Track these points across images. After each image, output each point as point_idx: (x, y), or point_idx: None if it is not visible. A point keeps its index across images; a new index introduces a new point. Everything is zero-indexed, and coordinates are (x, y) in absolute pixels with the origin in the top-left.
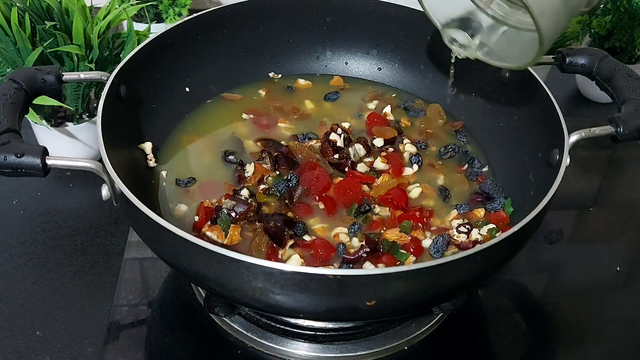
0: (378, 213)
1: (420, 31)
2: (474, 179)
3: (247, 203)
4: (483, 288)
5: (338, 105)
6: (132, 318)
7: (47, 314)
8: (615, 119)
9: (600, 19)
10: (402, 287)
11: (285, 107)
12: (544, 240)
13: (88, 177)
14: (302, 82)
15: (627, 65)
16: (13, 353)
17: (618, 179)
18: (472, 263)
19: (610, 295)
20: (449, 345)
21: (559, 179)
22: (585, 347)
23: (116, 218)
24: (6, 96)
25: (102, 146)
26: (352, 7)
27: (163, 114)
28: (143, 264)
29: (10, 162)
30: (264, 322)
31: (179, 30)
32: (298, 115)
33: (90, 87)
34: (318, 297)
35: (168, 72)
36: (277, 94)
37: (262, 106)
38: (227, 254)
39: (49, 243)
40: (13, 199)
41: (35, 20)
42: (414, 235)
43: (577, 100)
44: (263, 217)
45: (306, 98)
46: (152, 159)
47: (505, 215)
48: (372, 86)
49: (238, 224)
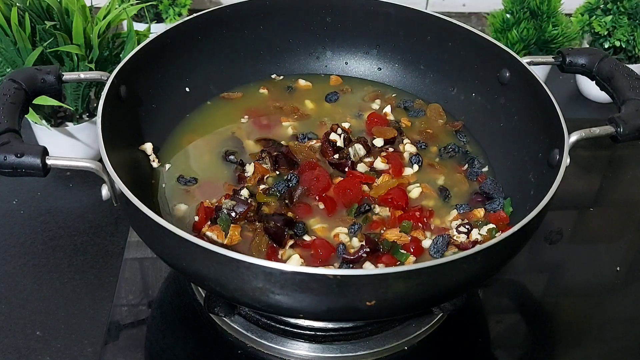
0: (378, 213)
1: (420, 31)
2: (474, 179)
3: (247, 203)
4: (483, 288)
5: (338, 105)
6: (132, 318)
7: (47, 314)
8: (615, 119)
9: (600, 19)
10: (402, 287)
11: (285, 107)
12: (544, 240)
13: (88, 177)
14: (302, 83)
15: (627, 65)
16: (13, 353)
17: (618, 179)
18: (472, 263)
19: (610, 295)
20: (449, 345)
21: (559, 179)
22: (585, 347)
23: (116, 218)
24: (6, 96)
25: (102, 146)
26: (352, 7)
27: (163, 114)
28: (143, 264)
29: (10, 162)
30: (264, 322)
31: (179, 30)
32: (298, 115)
33: (90, 87)
34: (318, 297)
35: (168, 72)
36: (277, 94)
37: (262, 106)
38: (227, 254)
39: (49, 243)
40: (13, 199)
41: (35, 20)
42: (414, 235)
43: (577, 100)
44: (263, 217)
45: (306, 98)
46: (155, 160)
47: (505, 215)
48: (372, 86)
49: (238, 224)
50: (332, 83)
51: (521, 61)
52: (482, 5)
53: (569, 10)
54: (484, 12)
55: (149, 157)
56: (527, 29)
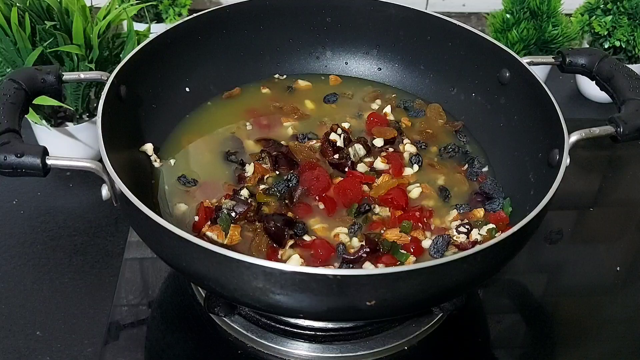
0: (378, 213)
1: (420, 31)
2: (474, 179)
3: (247, 203)
4: (483, 288)
5: (338, 105)
6: (132, 318)
7: (47, 314)
8: (615, 119)
9: (600, 19)
10: (402, 287)
11: (285, 107)
12: (544, 240)
13: (88, 177)
14: (302, 83)
15: (627, 65)
16: (13, 353)
17: (618, 179)
18: (472, 263)
19: (610, 295)
20: (449, 345)
21: (559, 179)
22: (585, 347)
23: (116, 218)
24: (6, 96)
25: (102, 146)
26: (352, 7)
27: (163, 114)
28: (143, 264)
29: (10, 162)
30: (264, 322)
31: (179, 30)
32: (298, 115)
33: (90, 87)
34: (318, 297)
35: (168, 72)
36: (278, 94)
37: (262, 106)
38: (227, 254)
39: (49, 243)
40: (13, 199)
41: (35, 20)
42: (414, 235)
43: (577, 100)
44: (263, 217)
45: (306, 98)
46: (157, 160)
47: (505, 215)
48: (372, 86)
49: (238, 224)
50: (332, 83)
51: (521, 61)
52: (482, 5)
53: (569, 10)
54: (484, 12)
55: (149, 157)
56: (527, 29)
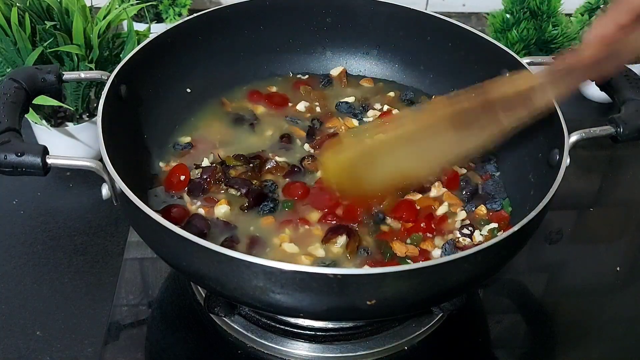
0: (389, 224)
1: (420, 31)
2: (482, 174)
3: (211, 168)
4: (483, 288)
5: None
6: (132, 318)
7: (47, 314)
8: (615, 119)
9: None
10: (403, 287)
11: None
12: (544, 240)
13: (88, 177)
14: (302, 83)
15: (627, 66)
16: (13, 353)
17: (618, 179)
18: (473, 263)
19: (610, 295)
20: (449, 345)
21: (559, 179)
22: (585, 347)
23: (116, 218)
24: (6, 95)
25: (102, 146)
26: (352, 7)
27: (163, 114)
28: (143, 264)
29: (11, 161)
30: (264, 322)
31: (179, 30)
32: (298, 116)
33: (90, 87)
34: (318, 296)
35: (168, 72)
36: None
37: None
38: (227, 253)
39: (49, 243)
40: (13, 199)
41: (35, 20)
42: (423, 247)
43: (577, 100)
44: (231, 180)
45: (306, 98)
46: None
47: (506, 214)
48: (373, 86)
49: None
50: (335, 79)
51: (521, 61)
52: (482, 5)
53: (569, 10)
54: (484, 12)
55: (149, 157)
56: (527, 29)
